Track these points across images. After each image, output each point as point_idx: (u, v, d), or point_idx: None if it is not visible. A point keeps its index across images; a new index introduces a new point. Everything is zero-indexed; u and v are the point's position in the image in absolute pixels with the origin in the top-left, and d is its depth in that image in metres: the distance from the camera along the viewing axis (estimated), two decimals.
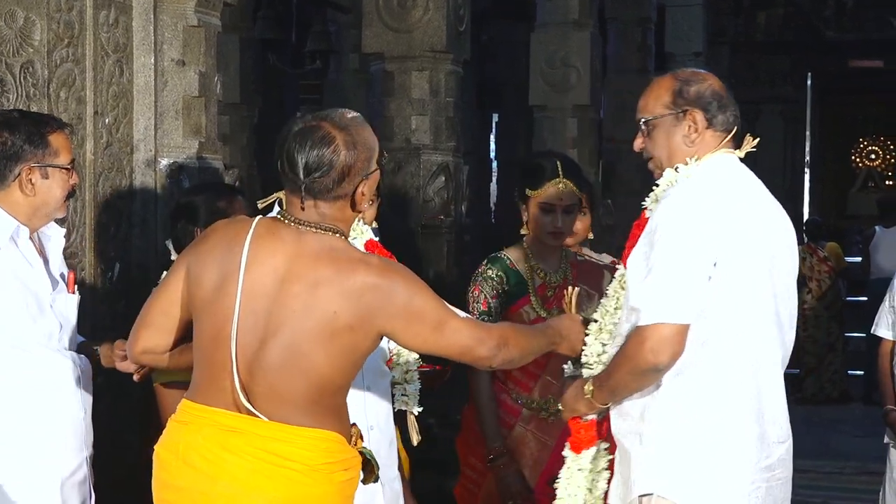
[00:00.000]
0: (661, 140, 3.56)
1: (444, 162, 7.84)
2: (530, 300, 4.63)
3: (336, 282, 2.99)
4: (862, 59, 21.76)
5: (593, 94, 11.10)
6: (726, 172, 3.47)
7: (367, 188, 3.13)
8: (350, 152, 3.07)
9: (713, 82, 3.55)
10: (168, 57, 5.05)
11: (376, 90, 8.07)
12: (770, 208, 3.52)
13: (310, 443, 3.03)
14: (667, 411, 3.37)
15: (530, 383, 4.61)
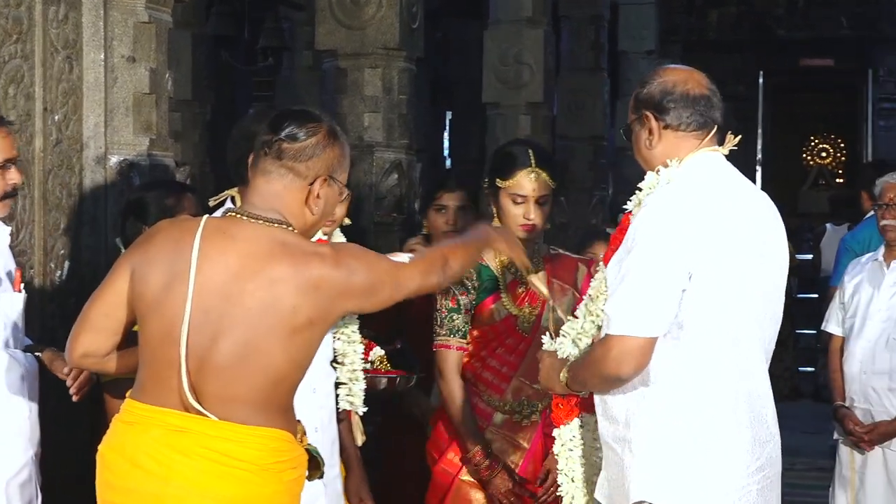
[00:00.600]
0: (636, 146, 3.56)
1: (397, 159, 7.82)
2: (500, 297, 4.45)
3: (293, 277, 2.98)
4: (813, 57, 21.93)
5: (546, 91, 11.11)
6: (707, 173, 3.43)
7: (324, 195, 3.12)
8: (328, 141, 3.12)
9: (668, 78, 3.48)
10: (118, 53, 5.01)
11: (329, 87, 8.05)
12: (756, 205, 3.48)
13: (260, 442, 3.01)
14: (653, 417, 3.36)
15: (503, 385, 4.45)
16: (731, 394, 3.36)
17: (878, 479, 5.57)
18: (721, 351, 3.34)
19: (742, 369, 3.38)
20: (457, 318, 4.39)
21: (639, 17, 16.40)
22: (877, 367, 5.57)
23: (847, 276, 5.87)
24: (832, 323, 5.87)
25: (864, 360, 5.62)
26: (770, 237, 3.48)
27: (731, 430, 3.35)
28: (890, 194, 5.65)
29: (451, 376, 4.39)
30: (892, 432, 5.51)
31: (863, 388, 5.62)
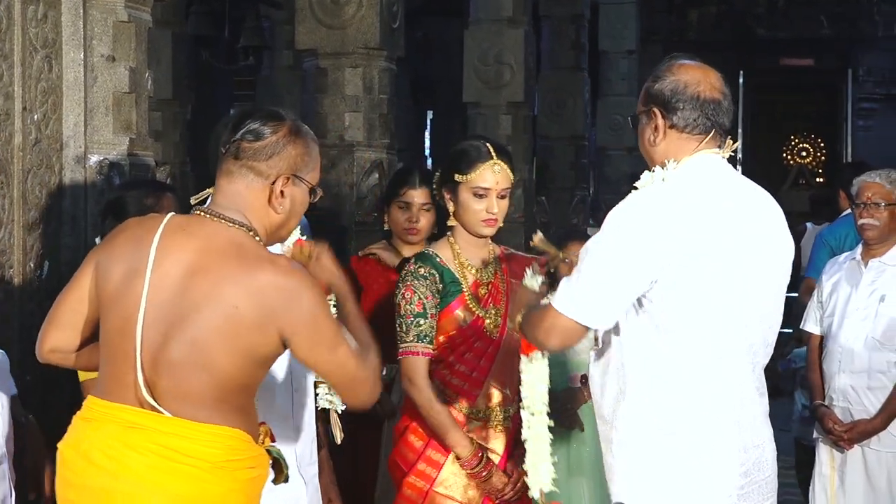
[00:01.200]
0: (640, 138, 3.53)
1: (378, 159, 7.83)
2: (465, 300, 4.31)
3: (240, 278, 2.96)
4: (793, 57, 21.98)
5: (527, 91, 11.14)
6: (704, 176, 3.39)
7: (289, 194, 3.11)
8: (289, 139, 3.10)
9: (681, 77, 3.43)
10: (98, 52, 5.00)
11: (310, 87, 8.04)
12: (757, 206, 3.46)
13: (212, 439, 2.99)
14: (632, 419, 3.38)
15: (474, 391, 4.31)
16: (710, 398, 3.35)
17: (857, 477, 5.60)
18: (700, 355, 3.33)
19: (723, 373, 3.37)
20: (423, 323, 4.24)
21: (619, 17, 16.44)
22: (855, 366, 5.59)
23: (825, 276, 5.89)
24: (810, 322, 5.89)
25: (843, 359, 5.63)
26: (771, 239, 3.45)
27: (709, 435, 3.35)
28: (868, 193, 5.67)
29: (423, 383, 4.23)
30: (871, 431, 5.53)
31: (842, 387, 5.63)
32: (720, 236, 3.31)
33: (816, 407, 5.72)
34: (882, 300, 5.60)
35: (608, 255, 3.27)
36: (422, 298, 4.25)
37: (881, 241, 5.66)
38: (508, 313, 3.80)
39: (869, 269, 5.68)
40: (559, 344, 3.41)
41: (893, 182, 5.68)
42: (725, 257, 3.31)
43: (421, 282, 4.26)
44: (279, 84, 12.89)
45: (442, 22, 17.37)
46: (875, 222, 5.63)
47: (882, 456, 5.57)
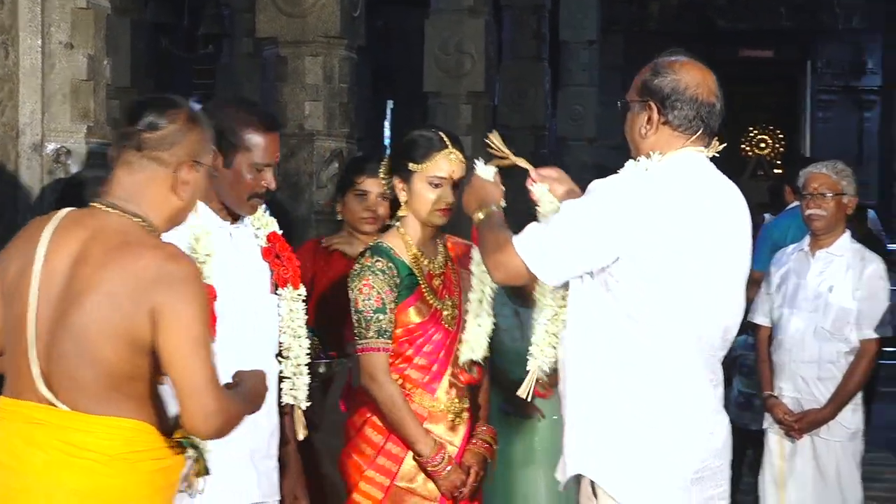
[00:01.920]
0: (628, 125, 3.62)
1: (338, 148, 7.80)
2: (422, 293, 4.27)
3: (119, 265, 2.94)
4: (753, 48, 22.07)
5: (488, 80, 11.13)
6: (686, 172, 3.47)
7: (191, 180, 3.11)
8: (189, 126, 3.10)
9: (682, 77, 3.52)
10: (56, 39, 4.97)
11: (269, 75, 8.00)
12: (731, 209, 3.54)
13: (109, 432, 2.97)
14: (600, 400, 3.47)
15: (434, 385, 4.28)
16: (668, 384, 3.44)
17: (806, 466, 5.68)
18: (660, 342, 3.41)
19: (680, 362, 3.45)
20: (383, 319, 4.18)
21: (580, 7, 16.44)
22: (805, 356, 5.67)
23: (773, 267, 5.95)
24: (759, 313, 5.94)
25: (793, 350, 5.71)
26: (737, 239, 3.55)
27: (667, 420, 3.43)
28: (814, 184, 5.73)
29: (386, 379, 4.19)
30: (821, 420, 5.61)
31: (792, 377, 5.71)
32: (692, 231, 3.39)
33: (766, 398, 5.78)
34: (831, 290, 5.67)
35: (580, 218, 3.36)
36: (380, 293, 4.19)
37: (828, 232, 5.72)
38: (465, 203, 3.84)
39: (817, 259, 5.74)
40: (503, 279, 3.56)
41: (839, 172, 5.74)
42: (693, 252, 3.39)
43: (378, 276, 4.19)
44: (239, 72, 12.80)
45: (403, 11, 17.36)
46: (822, 212, 5.70)
47: (831, 445, 5.65)
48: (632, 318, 3.41)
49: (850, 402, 5.66)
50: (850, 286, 5.66)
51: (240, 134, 3.75)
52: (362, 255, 4.28)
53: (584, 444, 3.49)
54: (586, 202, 3.40)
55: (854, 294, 5.65)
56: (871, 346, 5.65)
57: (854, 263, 5.70)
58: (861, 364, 5.63)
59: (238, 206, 3.84)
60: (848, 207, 5.73)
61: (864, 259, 5.72)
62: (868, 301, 5.65)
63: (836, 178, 5.72)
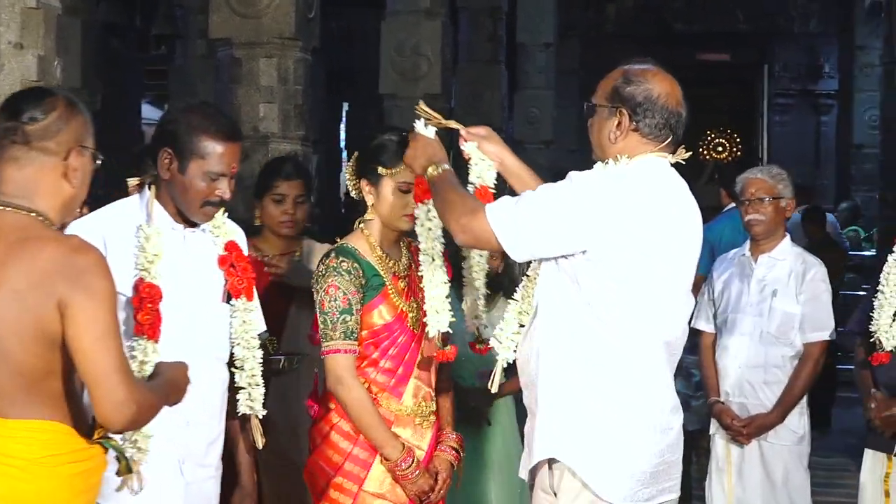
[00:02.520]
0: (595, 128, 3.72)
1: (293, 151, 7.77)
2: (388, 295, 4.26)
3: (21, 260, 2.92)
4: (710, 51, 22.19)
5: (444, 82, 11.14)
6: (652, 175, 3.58)
7: (80, 165, 3.11)
8: (70, 112, 3.11)
9: (653, 87, 3.63)
10: (5, 39, 4.94)
11: (223, 77, 7.98)
12: (689, 216, 3.67)
13: (26, 435, 2.93)
14: (565, 390, 3.58)
15: (401, 388, 4.27)
16: (632, 380, 3.57)
17: (754, 470, 5.74)
18: (623, 339, 3.54)
19: (644, 360, 3.58)
20: (350, 320, 4.17)
21: (537, 10, 16.48)
22: (751, 361, 5.73)
23: (715, 273, 6.01)
24: (702, 319, 5.99)
25: (739, 355, 5.77)
26: (692, 246, 3.67)
27: (630, 414, 3.56)
28: (751, 189, 5.80)
29: (353, 381, 4.17)
30: (768, 425, 5.68)
31: (738, 383, 5.77)
32: (661, 235, 3.52)
33: (713, 403, 5.83)
34: (774, 295, 5.73)
35: (556, 201, 3.47)
36: (346, 294, 4.17)
37: (768, 237, 5.79)
38: (409, 158, 3.94)
39: (759, 264, 5.81)
40: (468, 242, 3.67)
41: (775, 177, 5.81)
42: (660, 255, 3.52)
43: (344, 277, 4.18)
44: (192, 74, 12.76)
45: (359, 13, 17.36)
46: (761, 217, 5.76)
47: (777, 448, 5.72)
48: (600, 320, 3.52)
49: (796, 405, 5.72)
50: (794, 290, 5.72)
51: (196, 141, 3.74)
52: (326, 257, 4.25)
53: (553, 431, 3.58)
54: (565, 188, 3.49)
55: (798, 298, 5.70)
56: (815, 350, 5.72)
57: (796, 267, 5.77)
58: (806, 367, 5.70)
59: (190, 212, 3.82)
60: (786, 211, 5.80)
61: (805, 263, 5.79)
62: (812, 304, 5.72)
63: (772, 182, 5.79)
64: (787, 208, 5.79)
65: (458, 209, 3.60)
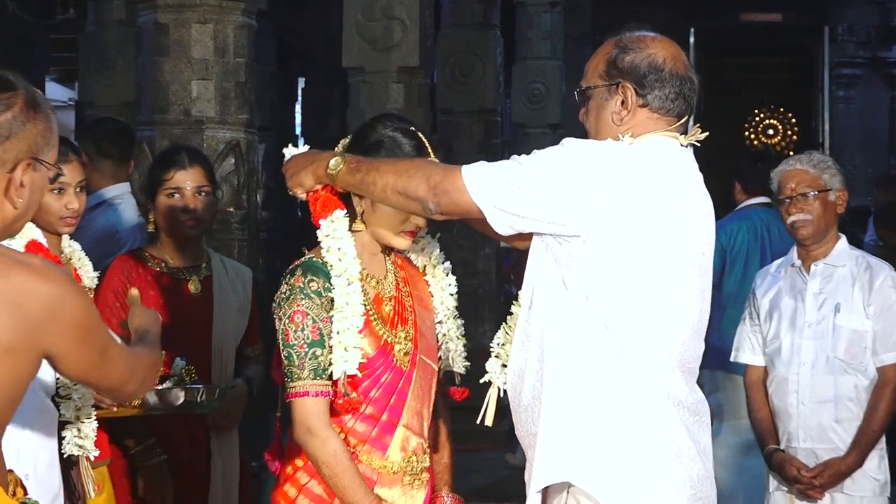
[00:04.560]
0: (592, 116, 3.81)
1: (234, 139, 7.76)
2: (370, 322, 4.19)
3: None
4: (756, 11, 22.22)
5: (423, 53, 11.12)
6: (661, 157, 3.66)
7: (29, 182, 3.06)
8: (28, 114, 3.04)
9: (657, 52, 3.72)
10: None
11: (146, 47, 7.97)
12: (701, 207, 3.75)
13: None
14: (566, 402, 3.67)
15: (385, 439, 4.21)
16: (634, 388, 3.66)
17: None
18: (637, 359, 3.64)
19: (648, 366, 3.67)
20: (321, 354, 4.09)
21: None
22: (818, 396, 5.68)
23: (758, 291, 5.96)
24: (745, 351, 5.98)
25: (802, 389, 5.72)
26: (707, 250, 3.76)
27: (637, 430, 3.65)
28: (791, 184, 5.75)
29: (326, 432, 4.09)
30: (845, 471, 5.64)
31: (803, 424, 5.71)
32: (663, 220, 3.61)
33: (771, 453, 5.79)
34: (837, 310, 5.70)
35: (548, 165, 3.57)
36: (317, 321, 4.09)
37: (818, 239, 5.76)
38: (293, 179, 4.02)
39: (813, 275, 5.78)
40: (444, 208, 3.70)
41: (818, 165, 5.76)
42: (661, 243, 3.62)
43: (314, 300, 4.10)
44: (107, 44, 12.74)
45: None
46: (807, 217, 5.72)
47: (856, 502, 5.67)
48: (608, 327, 3.61)
49: (876, 445, 5.69)
50: (860, 302, 5.71)
51: None
52: (291, 275, 4.17)
53: (565, 451, 3.66)
54: (558, 152, 3.59)
55: (866, 311, 5.69)
56: (892, 374, 5.69)
57: (860, 274, 5.75)
58: (884, 397, 5.68)
59: None
60: (837, 206, 5.76)
61: (870, 267, 5.77)
62: (884, 318, 5.70)
63: (815, 172, 5.75)
64: (837, 202, 5.76)
65: (423, 170, 3.69)
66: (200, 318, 5.44)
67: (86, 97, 12.99)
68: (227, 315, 5.48)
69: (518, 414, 3.80)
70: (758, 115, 25.57)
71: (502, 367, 3.91)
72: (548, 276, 3.67)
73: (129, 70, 11.73)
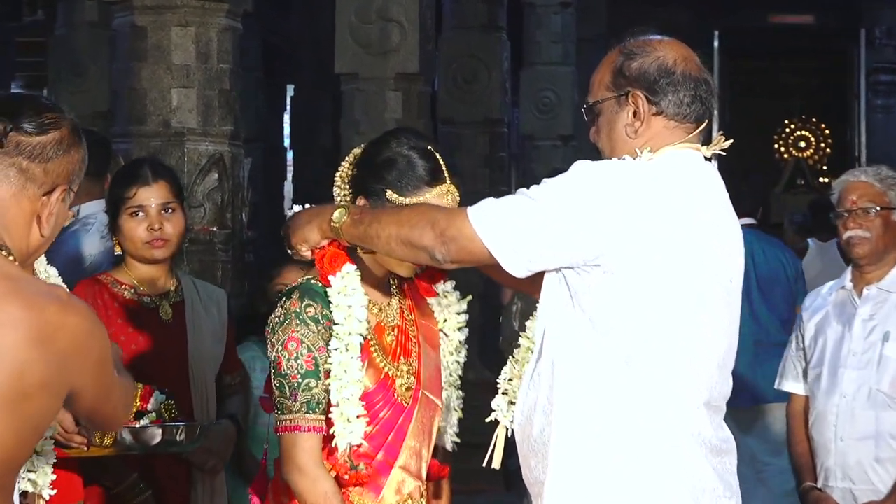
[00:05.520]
0: (604, 132, 3.80)
1: (218, 153, 7.77)
2: (370, 352, 4.16)
3: (24, 323, 2.91)
4: (786, 13, 22.25)
5: (423, 58, 11.14)
6: (683, 175, 3.65)
7: (58, 210, 3.13)
8: (74, 139, 3.14)
9: (666, 54, 3.72)
10: None
11: (122, 52, 7.99)
12: (728, 229, 3.74)
13: None
14: (578, 442, 3.67)
15: (380, 480, 4.18)
16: (656, 427, 3.65)
17: None
18: (647, 383, 3.63)
19: (673, 406, 3.66)
20: (315, 386, 4.06)
21: None
22: (858, 431, 5.67)
23: (805, 314, 5.95)
24: (788, 378, 5.98)
25: (840, 424, 5.71)
26: (728, 270, 3.73)
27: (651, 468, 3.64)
28: (852, 196, 5.72)
29: (318, 471, 4.07)
30: None
31: (840, 461, 5.70)
32: (689, 245, 3.60)
33: (807, 491, 5.79)
34: (886, 339, 5.67)
35: (561, 195, 3.55)
36: (312, 350, 4.07)
37: (874, 261, 5.73)
38: (297, 236, 4.05)
39: (865, 299, 5.76)
40: (452, 256, 3.66)
41: (885, 181, 5.73)
42: (686, 270, 3.60)
43: (310, 327, 4.08)
44: (79, 48, 12.78)
45: None
46: (865, 234, 5.70)
47: None
48: (627, 364, 3.60)
49: None
50: None
51: None
52: (287, 298, 4.16)
53: (576, 498, 3.67)
54: (570, 180, 3.57)
55: None
56: None
57: None
58: None
59: None
60: None
61: None
62: None
63: (881, 187, 5.72)
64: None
65: (426, 217, 3.68)
66: (174, 348, 5.41)
67: None
68: (202, 343, 5.47)
69: (526, 458, 3.78)
70: (788, 126, 25.58)
71: (510, 404, 3.91)
72: (562, 309, 3.67)
73: (102, 77, 11.75)
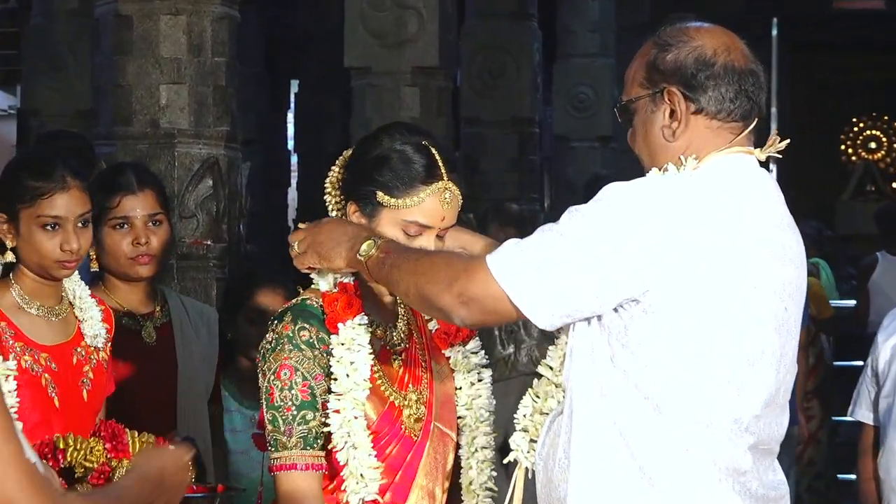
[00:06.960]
0: (640, 135, 3.75)
1: (212, 156, 7.79)
2: (374, 380, 4.10)
3: None
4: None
5: (443, 50, 11.16)
6: (734, 188, 3.61)
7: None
8: None
9: (705, 43, 3.65)
10: None
11: (106, 45, 8.01)
12: (787, 250, 3.68)
13: None
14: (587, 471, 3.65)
15: None
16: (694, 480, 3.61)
17: None
18: (681, 428, 3.59)
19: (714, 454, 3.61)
20: (312, 419, 4.05)
21: None
22: None
23: (880, 336, 5.98)
24: (861, 407, 6.00)
25: None
26: (783, 297, 3.67)
27: None
28: None
29: None
30: None
31: None
32: (741, 281, 3.54)
33: None
34: None
35: (590, 234, 3.48)
36: (308, 378, 4.05)
37: None
38: (320, 253, 3.97)
39: None
40: (474, 318, 3.65)
41: None
42: (735, 309, 3.55)
43: (305, 352, 4.06)
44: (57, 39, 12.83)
45: None
46: None
47: None
48: (659, 408, 3.56)
49: None
50: None
51: None
52: (279, 321, 4.13)
53: None
54: (599, 214, 3.51)
55: None
56: None
57: None
58: None
59: None
60: None
61: None
62: None
63: None
64: None
65: (442, 272, 3.62)
66: (161, 375, 5.36)
67: (30, 104, 13.07)
68: (192, 367, 5.45)
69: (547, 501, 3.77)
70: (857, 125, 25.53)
71: (530, 443, 3.88)
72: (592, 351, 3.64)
73: (83, 72, 11.81)
